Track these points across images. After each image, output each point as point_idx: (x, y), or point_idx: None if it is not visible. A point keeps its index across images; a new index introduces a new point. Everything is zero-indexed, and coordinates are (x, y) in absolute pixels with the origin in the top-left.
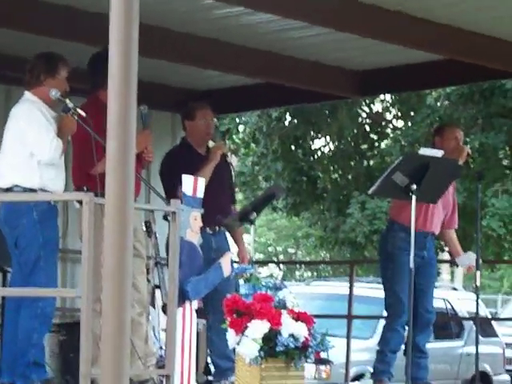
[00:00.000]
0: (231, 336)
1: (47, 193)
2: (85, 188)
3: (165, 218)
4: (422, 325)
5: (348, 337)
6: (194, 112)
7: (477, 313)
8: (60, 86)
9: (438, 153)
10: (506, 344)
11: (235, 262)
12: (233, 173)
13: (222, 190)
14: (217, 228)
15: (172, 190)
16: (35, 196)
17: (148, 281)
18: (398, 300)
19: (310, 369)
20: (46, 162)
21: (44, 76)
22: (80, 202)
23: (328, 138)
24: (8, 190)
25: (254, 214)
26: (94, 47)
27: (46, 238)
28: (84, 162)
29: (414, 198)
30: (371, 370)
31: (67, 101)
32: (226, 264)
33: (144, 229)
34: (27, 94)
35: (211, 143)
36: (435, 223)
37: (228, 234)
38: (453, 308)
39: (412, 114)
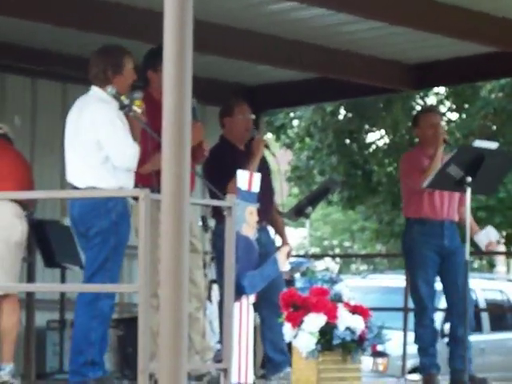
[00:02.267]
0: (287, 330)
1: (101, 189)
2: (139, 186)
3: (203, 220)
4: (459, 315)
5: (404, 329)
6: (232, 108)
7: None
8: (128, 79)
9: (493, 145)
10: None
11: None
12: (270, 164)
13: (264, 184)
14: (263, 223)
15: (219, 188)
16: (90, 193)
17: (205, 275)
18: (419, 295)
19: (366, 362)
20: (123, 168)
21: (112, 72)
22: (135, 199)
23: (382, 131)
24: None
25: (310, 208)
26: (147, 44)
27: (120, 240)
28: (140, 159)
29: (468, 190)
30: None
31: (122, 97)
32: (282, 258)
33: (200, 224)
34: (97, 91)
35: None
36: (449, 210)
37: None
38: (509, 300)
39: (466, 106)
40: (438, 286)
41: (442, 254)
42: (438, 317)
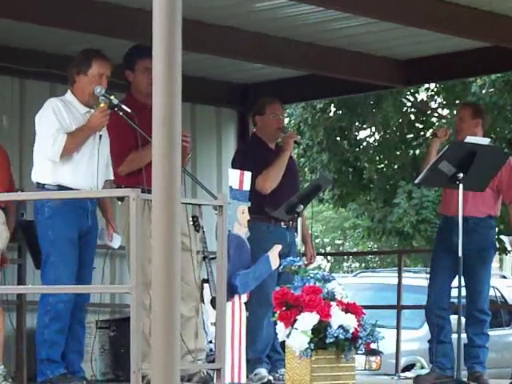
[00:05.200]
0: (281, 329)
1: (92, 191)
2: (122, 186)
3: (194, 220)
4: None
5: (398, 327)
6: (264, 107)
7: None
8: (92, 83)
9: (485, 140)
10: None
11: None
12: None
13: (294, 181)
14: (290, 223)
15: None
16: (76, 194)
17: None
18: (429, 291)
19: (360, 360)
20: (49, 159)
21: (77, 73)
22: (121, 200)
23: (373, 128)
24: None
25: (301, 206)
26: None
27: (57, 234)
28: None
29: (461, 186)
30: (421, 360)
31: (112, 97)
32: (274, 257)
33: (191, 223)
34: (67, 93)
35: None
36: (472, 207)
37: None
38: (502, 296)
39: (457, 102)
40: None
41: (465, 250)
42: None
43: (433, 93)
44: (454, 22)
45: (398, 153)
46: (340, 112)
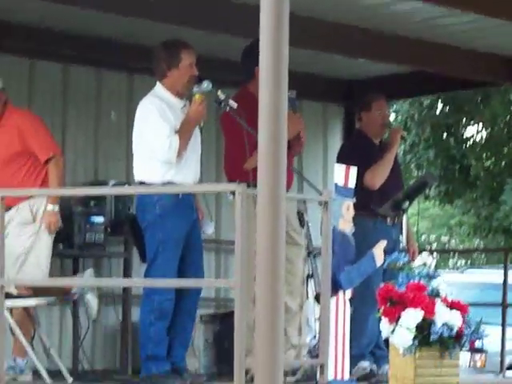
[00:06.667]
0: (385, 325)
1: (198, 184)
2: (237, 181)
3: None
4: None
5: (503, 325)
6: (370, 103)
7: None
8: (185, 74)
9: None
10: None
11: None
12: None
13: (399, 177)
14: (396, 219)
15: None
16: (182, 188)
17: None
18: None
19: (464, 358)
20: (166, 161)
21: (167, 67)
22: (233, 194)
23: (480, 125)
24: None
25: (407, 202)
26: (243, 39)
27: (166, 233)
28: (237, 156)
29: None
30: None
31: (219, 92)
32: (379, 253)
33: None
34: (156, 86)
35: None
36: None
37: None
38: None
39: None
40: None
41: None
42: None
43: None
44: None
45: (505, 150)
46: (447, 109)
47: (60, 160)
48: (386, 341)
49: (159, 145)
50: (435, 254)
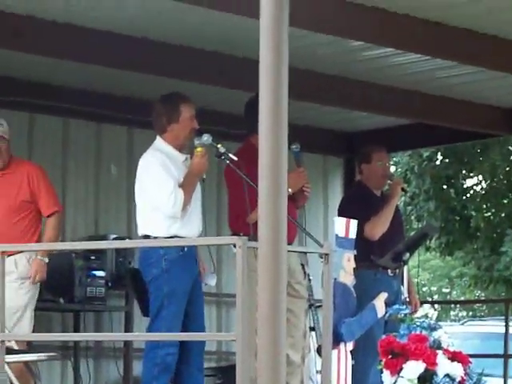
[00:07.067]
0: (387, 377)
1: (199, 238)
2: (241, 234)
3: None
4: None
5: (505, 376)
6: (370, 155)
7: None
8: (186, 128)
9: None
10: None
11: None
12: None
13: (400, 228)
14: (396, 271)
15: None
16: (185, 241)
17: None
18: None
19: None
20: (171, 216)
21: (167, 121)
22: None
23: (480, 176)
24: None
25: (407, 254)
26: (244, 93)
27: (172, 287)
28: (239, 209)
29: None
30: None
31: (219, 146)
32: (380, 305)
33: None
34: (157, 140)
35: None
36: None
37: None
38: None
39: None
40: None
41: None
42: None
43: None
44: None
45: (505, 201)
46: (447, 160)
47: (60, 217)
48: None
49: (164, 200)
50: (436, 305)
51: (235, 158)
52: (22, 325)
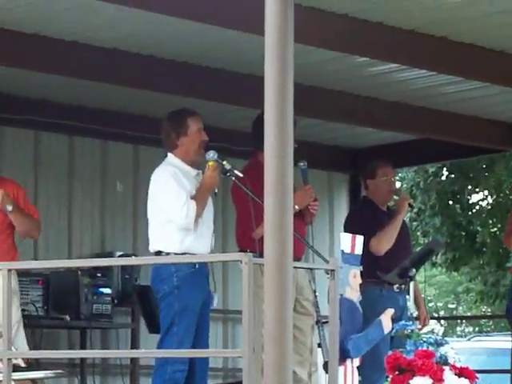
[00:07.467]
0: None
1: (208, 255)
2: (248, 250)
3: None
4: None
5: None
6: (375, 170)
7: None
8: (195, 140)
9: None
10: None
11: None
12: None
13: (407, 244)
14: (402, 287)
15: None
16: (189, 258)
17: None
18: None
19: None
20: (185, 228)
21: (176, 136)
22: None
23: (486, 191)
24: (156, 255)
25: (414, 270)
26: (250, 110)
27: (183, 304)
28: (246, 225)
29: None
30: None
31: (224, 162)
32: (387, 321)
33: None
34: (168, 157)
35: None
36: None
37: None
38: None
39: None
40: None
41: None
42: None
43: None
44: None
45: None
46: (452, 176)
47: (39, 229)
48: None
49: (177, 211)
50: (442, 321)
51: (241, 175)
52: (17, 342)
